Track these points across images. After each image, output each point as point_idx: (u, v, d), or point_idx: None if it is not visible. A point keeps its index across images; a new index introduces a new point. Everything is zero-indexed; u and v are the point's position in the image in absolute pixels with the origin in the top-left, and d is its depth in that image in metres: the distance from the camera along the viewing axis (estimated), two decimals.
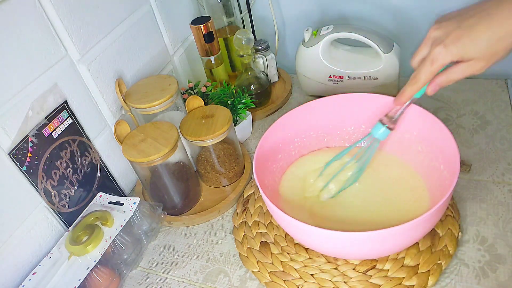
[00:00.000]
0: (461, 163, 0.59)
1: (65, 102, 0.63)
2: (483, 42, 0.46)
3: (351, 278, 0.55)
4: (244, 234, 0.64)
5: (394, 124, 0.60)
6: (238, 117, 0.79)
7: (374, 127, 0.61)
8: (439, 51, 0.49)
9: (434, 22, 0.51)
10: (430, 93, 0.53)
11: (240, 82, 0.86)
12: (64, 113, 0.63)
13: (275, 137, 0.65)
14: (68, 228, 0.64)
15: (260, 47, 0.89)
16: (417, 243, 0.56)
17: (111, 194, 0.68)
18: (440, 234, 0.57)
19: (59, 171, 0.63)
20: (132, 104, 0.68)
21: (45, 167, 0.60)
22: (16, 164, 0.56)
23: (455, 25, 0.48)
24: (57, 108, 0.62)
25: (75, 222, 0.63)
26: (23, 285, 0.56)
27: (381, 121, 0.61)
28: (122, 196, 0.73)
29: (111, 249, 0.61)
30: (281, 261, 0.59)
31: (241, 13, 0.94)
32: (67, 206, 0.65)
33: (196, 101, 0.72)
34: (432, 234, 0.57)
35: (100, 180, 0.71)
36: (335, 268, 0.57)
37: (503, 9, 0.45)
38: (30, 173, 0.58)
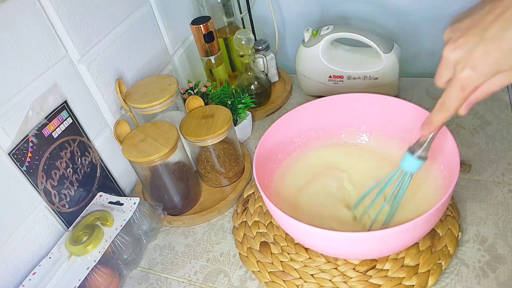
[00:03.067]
0: (461, 163, 0.59)
1: (65, 102, 0.63)
2: None
3: (351, 278, 0.55)
4: (244, 234, 0.64)
5: (427, 152, 0.52)
6: (238, 117, 0.79)
7: (403, 158, 0.53)
8: (468, 76, 0.40)
9: (445, 38, 0.43)
10: (463, 113, 0.45)
11: (240, 82, 0.86)
12: (64, 113, 0.63)
13: (275, 137, 0.65)
14: (68, 228, 0.64)
15: (260, 47, 0.89)
16: (417, 243, 0.56)
17: (111, 194, 0.68)
18: (440, 234, 0.57)
19: (59, 171, 0.63)
20: (132, 104, 0.68)
21: (45, 167, 0.60)
22: (16, 164, 0.56)
23: (476, 39, 0.40)
24: (57, 108, 0.62)
25: (75, 222, 0.63)
26: (23, 285, 0.56)
27: (410, 150, 0.53)
28: (122, 196, 0.73)
29: (111, 249, 0.61)
30: (281, 261, 0.59)
31: (241, 13, 0.94)
32: (67, 206, 0.65)
33: (196, 101, 0.72)
34: (432, 234, 0.57)
35: (100, 180, 0.71)
36: (335, 268, 0.57)
37: None
38: (30, 173, 0.58)
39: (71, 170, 0.65)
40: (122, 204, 0.65)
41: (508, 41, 0.38)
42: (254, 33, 0.96)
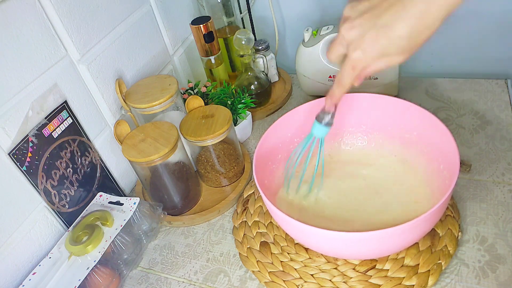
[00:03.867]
0: (461, 163, 0.59)
1: (65, 102, 0.63)
2: (403, 41, 0.43)
3: (351, 278, 0.55)
4: (244, 234, 0.64)
5: (332, 119, 0.58)
6: (238, 117, 0.79)
7: (313, 126, 0.59)
8: (358, 57, 0.46)
9: (344, 14, 0.47)
10: (357, 85, 0.52)
11: (240, 82, 0.86)
12: (64, 113, 0.63)
13: (275, 137, 0.65)
14: (68, 228, 0.64)
15: (260, 47, 0.89)
16: (417, 243, 0.56)
17: (111, 194, 0.68)
18: (440, 234, 0.57)
19: (59, 171, 0.63)
20: (132, 104, 0.68)
21: (45, 167, 0.60)
22: (16, 164, 0.56)
23: (369, 24, 0.44)
24: (57, 108, 0.62)
25: (75, 222, 0.63)
26: (23, 285, 0.56)
27: (318, 119, 0.59)
28: (122, 196, 0.73)
29: (111, 249, 0.61)
30: (281, 261, 0.59)
31: (241, 13, 0.94)
32: (67, 206, 0.65)
33: (196, 101, 0.72)
34: (432, 234, 0.57)
35: (100, 180, 0.71)
36: (335, 268, 0.57)
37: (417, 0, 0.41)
38: (30, 173, 0.58)
39: (71, 170, 0.65)
40: (122, 204, 0.65)
41: (395, 31, 0.42)
42: (254, 33, 0.96)
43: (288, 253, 0.60)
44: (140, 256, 0.66)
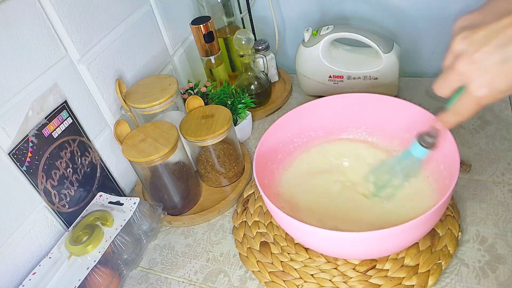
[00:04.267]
0: (461, 163, 0.59)
1: (65, 102, 0.63)
2: None
3: (351, 278, 0.55)
4: (244, 234, 0.64)
5: (436, 140, 0.53)
6: (238, 117, 0.79)
7: (413, 146, 0.55)
8: (486, 94, 0.40)
9: (457, 47, 0.41)
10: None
11: (240, 82, 0.86)
12: (64, 113, 0.63)
13: (275, 137, 0.65)
14: (68, 228, 0.64)
15: (260, 47, 0.89)
16: (417, 243, 0.56)
17: (111, 194, 0.68)
18: (440, 234, 0.57)
19: (59, 171, 0.63)
20: (132, 104, 0.68)
21: (45, 167, 0.60)
22: (16, 164, 0.56)
23: (495, 57, 0.38)
24: (57, 108, 0.62)
25: (75, 222, 0.63)
26: (23, 285, 0.56)
27: (419, 140, 0.54)
28: (122, 196, 0.73)
29: (111, 249, 0.61)
30: (281, 261, 0.59)
31: (241, 13, 0.94)
32: (67, 206, 0.65)
33: (196, 101, 0.72)
34: (432, 234, 0.57)
35: (100, 180, 0.71)
36: (335, 268, 0.57)
37: None
38: (30, 173, 0.58)
39: (71, 170, 0.65)
40: (122, 204, 0.65)
41: None
42: (254, 33, 0.96)
43: (288, 253, 0.60)
44: (140, 256, 0.66)
